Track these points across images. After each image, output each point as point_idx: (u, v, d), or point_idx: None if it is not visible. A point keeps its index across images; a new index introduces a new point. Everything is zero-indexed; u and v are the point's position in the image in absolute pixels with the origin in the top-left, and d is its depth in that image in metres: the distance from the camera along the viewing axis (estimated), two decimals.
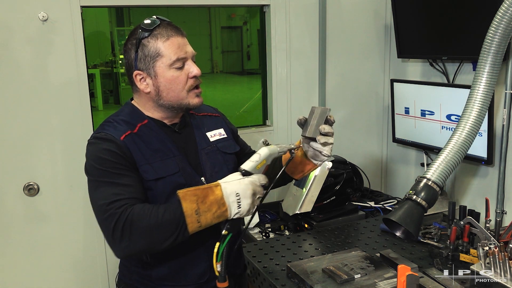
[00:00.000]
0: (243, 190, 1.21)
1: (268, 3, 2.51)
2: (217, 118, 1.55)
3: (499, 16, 1.40)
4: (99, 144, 1.27)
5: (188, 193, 1.20)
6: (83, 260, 2.33)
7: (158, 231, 1.18)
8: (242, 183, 1.22)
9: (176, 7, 2.47)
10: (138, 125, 1.34)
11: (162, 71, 1.30)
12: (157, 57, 1.29)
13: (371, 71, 2.80)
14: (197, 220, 1.19)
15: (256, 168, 1.26)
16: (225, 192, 1.21)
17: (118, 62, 9.51)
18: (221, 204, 1.20)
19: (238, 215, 1.23)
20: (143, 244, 1.19)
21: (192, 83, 1.33)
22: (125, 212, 1.17)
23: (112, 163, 1.24)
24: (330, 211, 2.29)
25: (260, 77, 2.84)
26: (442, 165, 1.41)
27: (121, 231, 1.16)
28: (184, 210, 1.18)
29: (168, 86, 1.31)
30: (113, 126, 1.32)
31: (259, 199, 1.26)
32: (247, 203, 1.22)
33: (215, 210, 1.20)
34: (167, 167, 1.31)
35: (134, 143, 1.29)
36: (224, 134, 1.51)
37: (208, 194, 1.20)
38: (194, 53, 1.35)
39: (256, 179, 1.24)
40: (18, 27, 2.05)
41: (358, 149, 2.84)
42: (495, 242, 1.54)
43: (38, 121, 2.15)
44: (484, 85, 1.46)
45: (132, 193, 1.22)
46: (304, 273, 1.63)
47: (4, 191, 2.15)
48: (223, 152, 1.46)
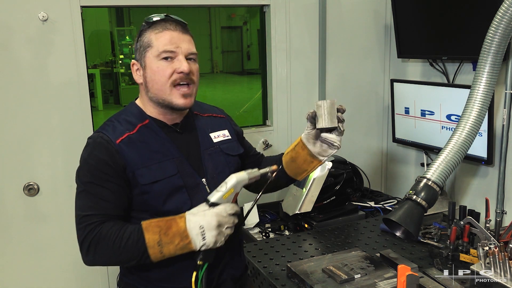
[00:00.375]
0: (208, 223, 1.20)
1: (268, 3, 2.51)
2: (222, 119, 1.53)
3: (499, 16, 1.40)
4: (92, 148, 1.30)
5: (151, 224, 1.23)
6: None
7: (120, 255, 1.22)
8: (207, 215, 1.21)
9: (176, 7, 2.47)
10: (139, 125, 1.33)
11: (150, 62, 1.30)
12: (148, 48, 1.30)
13: (371, 71, 2.80)
14: (160, 251, 1.21)
15: (222, 198, 1.23)
16: (189, 224, 1.21)
17: (118, 62, 9.52)
18: (184, 236, 1.21)
19: (205, 247, 1.21)
20: (106, 261, 1.27)
21: (176, 78, 1.29)
22: (94, 230, 1.22)
23: (98, 172, 1.26)
24: (330, 211, 2.29)
25: (260, 77, 2.84)
26: (442, 165, 1.41)
27: (87, 246, 1.23)
28: (147, 241, 1.21)
29: (153, 77, 1.30)
30: (112, 127, 1.32)
31: (228, 228, 1.23)
32: (212, 235, 1.21)
33: (177, 242, 1.21)
34: (165, 169, 1.31)
35: (130, 146, 1.29)
36: (228, 136, 1.49)
37: (171, 226, 1.22)
38: (190, 51, 1.31)
39: (222, 210, 1.22)
40: (18, 27, 2.05)
41: (358, 149, 2.84)
42: (495, 242, 1.54)
43: (38, 121, 2.15)
44: (484, 85, 1.46)
45: (107, 209, 1.26)
46: (304, 273, 1.63)
47: (4, 191, 2.16)
48: (226, 153, 1.44)
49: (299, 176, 1.48)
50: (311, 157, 1.40)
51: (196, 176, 1.35)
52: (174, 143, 1.36)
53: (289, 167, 1.46)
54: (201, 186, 1.35)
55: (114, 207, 1.27)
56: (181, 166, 1.33)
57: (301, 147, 1.41)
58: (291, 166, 1.45)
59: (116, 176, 1.27)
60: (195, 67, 1.34)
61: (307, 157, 1.41)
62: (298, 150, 1.42)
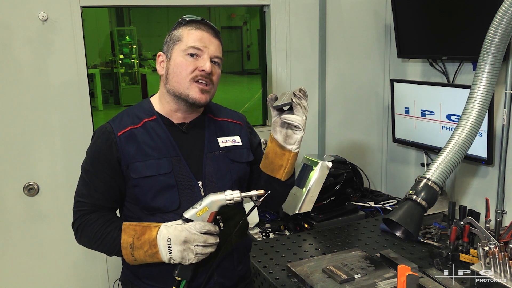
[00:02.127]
0: (175, 237, 1.23)
1: (268, 3, 2.51)
2: (237, 125, 1.49)
3: (499, 16, 1.40)
4: (96, 137, 1.37)
5: (130, 226, 1.29)
6: (83, 260, 2.33)
7: (99, 246, 1.33)
8: (176, 229, 1.24)
9: (176, 7, 2.47)
10: (144, 120, 1.36)
11: (176, 55, 1.33)
12: (177, 41, 1.34)
13: (371, 71, 2.80)
14: (131, 254, 1.28)
15: (196, 215, 1.24)
16: (159, 234, 1.25)
17: (118, 62, 9.52)
18: (153, 245, 1.25)
19: (172, 260, 1.24)
20: (89, 247, 1.37)
21: (197, 75, 1.31)
22: (83, 217, 1.33)
23: (95, 161, 1.34)
24: (330, 211, 2.29)
25: (260, 77, 2.83)
26: (442, 165, 1.41)
27: (76, 228, 1.35)
28: (121, 241, 1.28)
29: (175, 69, 1.32)
30: (120, 119, 1.37)
31: (199, 247, 1.23)
32: (178, 249, 1.23)
33: (146, 249, 1.25)
34: (159, 166, 1.32)
35: (130, 140, 1.32)
36: (238, 142, 1.45)
37: (145, 232, 1.27)
38: (216, 54, 1.34)
39: (192, 227, 1.23)
40: (18, 27, 2.05)
41: (358, 149, 2.84)
42: (495, 242, 1.54)
43: (38, 121, 2.15)
44: (484, 85, 1.46)
45: (97, 200, 1.34)
46: (304, 273, 1.63)
47: (4, 191, 2.16)
48: (231, 159, 1.41)
49: (277, 173, 1.36)
50: (280, 148, 1.34)
51: (192, 177, 1.35)
52: (176, 142, 1.36)
53: (265, 166, 1.39)
54: (196, 188, 1.34)
55: (105, 199, 1.34)
56: (177, 166, 1.33)
57: (270, 140, 1.37)
58: (266, 165, 1.39)
59: (110, 168, 1.32)
60: (217, 70, 1.36)
61: (277, 149, 1.34)
62: (268, 144, 1.38)
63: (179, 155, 1.35)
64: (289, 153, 1.34)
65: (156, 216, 1.32)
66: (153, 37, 11.49)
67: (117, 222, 1.32)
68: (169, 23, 12.10)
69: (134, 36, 9.84)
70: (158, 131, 1.35)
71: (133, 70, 9.69)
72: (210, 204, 1.24)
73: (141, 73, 9.61)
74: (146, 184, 1.31)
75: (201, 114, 1.43)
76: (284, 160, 1.35)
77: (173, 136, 1.36)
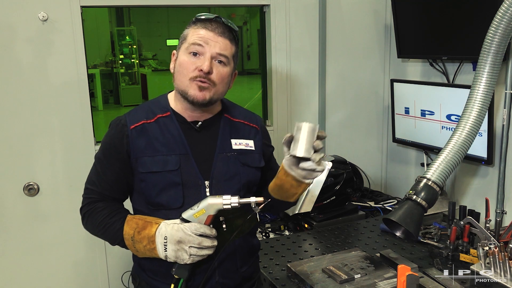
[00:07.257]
0: (171, 236, 1.25)
1: (268, 3, 2.51)
2: (253, 129, 1.47)
3: (499, 16, 1.40)
4: (111, 128, 1.39)
5: (133, 219, 1.32)
6: (83, 260, 2.33)
7: (103, 235, 1.37)
8: (173, 228, 1.25)
9: (176, 7, 2.47)
10: (158, 115, 1.37)
11: (181, 53, 1.34)
12: (184, 40, 1.35)
13: (371, 71, 2.80)
14: (133, 246, 1.31)
15: (193, 216, 1.24)
16: (158, 231, 1.27)
17: (118, 62, 9.52)
18: (151, 241, 1.27)
19: (168, 258, 1.26)
20: (94, 234, 1.40)
21: (196, 74, 1.29)
22: (90, 204, 1.37)
23: (107, 151, 1.37)
24: (330, 211, 2.29)
25: (260, 77, 2.83)
26: (442, 165, 1.41)
27: (83, 214, 1.39)
28: (124, 232, 1.31)
29: (179, 68, 1.34)
30: (135, 112, 1.39)
31: (194, 248, 1.23)
32: (172, 249, 1.25)
33: (145, 244, 1.28)
34: (166, 163, 1.32)
35: (142, 134, 1.33)
36: (251, 146, 1.43)
37: (145, 227, 1.29)
38: (220, 52, 1.31)
39: (187, 228, 1.23)
40: (18, 27, 2.05)
41: (358, 149, 2.84)
42: (495, 242, 1.54)
43: (38, 121, 2.15)
44: (484, 85, 1.46)
45: (105, 189, 1.37)
46: (304, 273, 1.63)
47: (4, 191, 2.16)
48: (242, 162, 1.39)
49: (292, 198, 1.36)
50: (297, 181, 1.29)
51: (199, 176, 1.34)
52: (188, 139, 1.35)
53: (278, 194, 1.36)
54: (202, 187, 1.34)
55: (112, 190, 1.37)
56: (185, 163, 1.33)
57: (284, 174, 1.30)
58: (279, 193, 1.35)
59: (120, 160, 1.34)
60: (221, 70, 1.32)
61: (293, 182, 1.30)
62: (281, 177, 1.31)
63: (188, 153, 1.34)
64: (306, 185, 1.32)
65: (160, 212, 1.33)
66: (153, 37, 11.50)
67: (122, 214, 1.35)
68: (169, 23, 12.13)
69: (134, 36, 9.85)
70: (170, 128, 1.35)
71: (133, 70, 9.69)
72: (207, 207, 1.23)
73: (141, 73, 9.60)
74: (152, 180, 1.32)
75: (217, 113, 1.43)
76: (300, 189, 1.32)
77: (185, 134, 1.36)
